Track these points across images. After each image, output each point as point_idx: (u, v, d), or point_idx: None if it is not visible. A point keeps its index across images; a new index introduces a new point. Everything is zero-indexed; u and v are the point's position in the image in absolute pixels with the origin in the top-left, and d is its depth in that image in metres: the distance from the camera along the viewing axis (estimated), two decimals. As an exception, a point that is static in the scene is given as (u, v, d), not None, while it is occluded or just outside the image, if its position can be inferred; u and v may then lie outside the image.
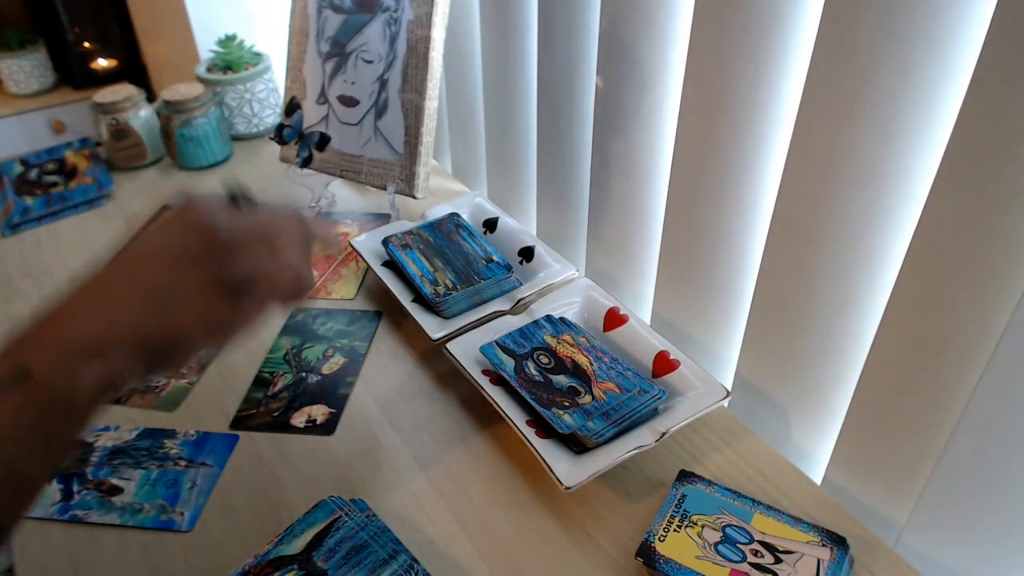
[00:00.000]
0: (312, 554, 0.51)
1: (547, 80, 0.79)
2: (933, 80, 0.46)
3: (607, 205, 0.78)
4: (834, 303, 0.58)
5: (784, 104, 0.57)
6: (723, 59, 0.58)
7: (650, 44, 0.65)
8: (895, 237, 0.52)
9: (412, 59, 0.85)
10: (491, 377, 0.66)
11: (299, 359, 0.74)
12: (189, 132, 1.05)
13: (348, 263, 0.88)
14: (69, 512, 0.60)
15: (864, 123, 0.50)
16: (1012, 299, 0.45)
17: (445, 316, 0.73)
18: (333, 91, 0.92)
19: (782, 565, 0.52)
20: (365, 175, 0.91)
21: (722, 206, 0.64)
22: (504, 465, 0.63)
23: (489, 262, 0.78)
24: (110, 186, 1.04)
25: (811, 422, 0.64)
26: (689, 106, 0.63)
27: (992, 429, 0.48)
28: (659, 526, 0.54)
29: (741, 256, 0.66)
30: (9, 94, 1.88)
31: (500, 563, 0.55)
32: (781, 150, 0.58)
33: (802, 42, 0.54)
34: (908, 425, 0.54)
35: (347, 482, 0.62)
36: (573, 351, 0.67)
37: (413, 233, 0.82)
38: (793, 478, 0.60)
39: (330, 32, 0.92)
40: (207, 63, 1.14)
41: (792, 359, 0.63)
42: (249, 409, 0.69)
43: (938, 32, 0.45)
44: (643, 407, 0.61)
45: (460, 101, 0.99)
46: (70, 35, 1.82)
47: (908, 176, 0.50)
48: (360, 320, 0.79)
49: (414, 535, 0.57)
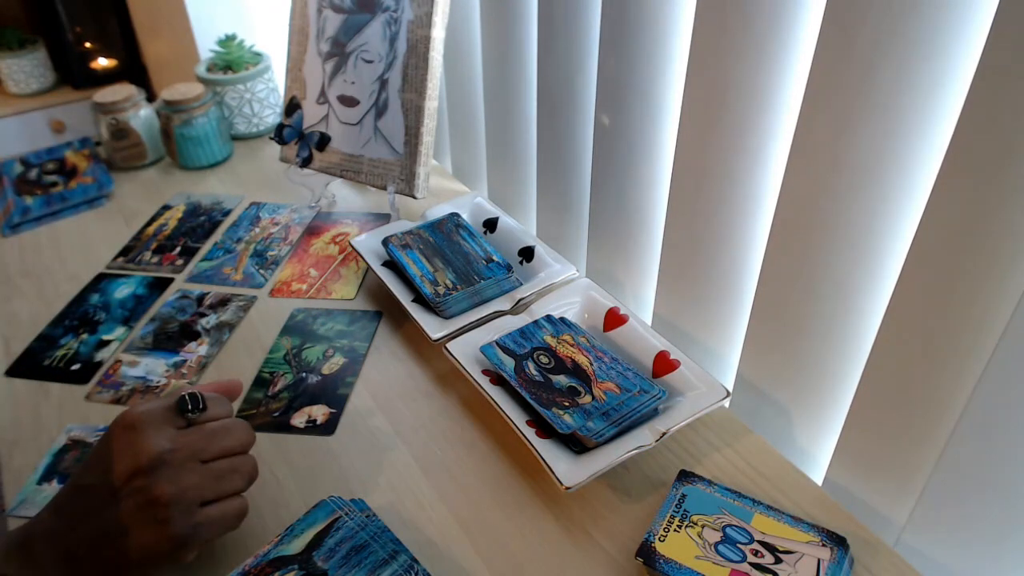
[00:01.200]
0: (312, 554, 0.51)
1: (547, 80, 0.79)
2: (934, 80, 0.46)
3: (608, 205, 0.78)
4: (836, 303, 0.58)
5: (786, 103, 0.57)
6: (724, 59, 0.58)
7: (651, 44, 0.65)
8: (896, 237, 0.52)
9: (412, 59, 0.85)
10: (491, 377, 0.66)
11: (299, 359, 0.74)
12: (189, 132, 1.05)
13: (348, 263, 0.88)
14: (69, 512, 0.60)
15: (865, 123, 0.50)
16: (1012, 299, 0.45)
17: (445, 316, 0.73)
18: (333, 91, 0.92)
19: (782, 565, 0.52)
20: (365, 175, 0.91)
21: (724, 205, 0.64)
22: (504, 465, 0.63)
23: (489, 262, 0.78)
24: (110, 186, 1.04)
25: (813, 421, 0.64)
26: (691, 105, 0.63)
27: (993, 428, 0.48)
28: (659, 526, 0.54)
29: (743, 256, 0.66)
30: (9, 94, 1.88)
31: (500, 563, 0.55)
32: (783, 149, 0.58)
33: (804, 42, 0.54)
34: (909, 423, 0.54)
35: (347, 482, 0.62)
36: (573, 351, 0.68)
37: (413, 233, 0.82)
38: (793, 478, 0.60)
39: (330, 32, 0.92)
40: (207, 63, 1.14)
41: (794, 359, 0.63)
42: (249, 409, 0.69)
43: (939, 32, 0.45)
44: (643, 407, 0.61)
45: (460, 101, 0.99)
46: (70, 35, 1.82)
47: (909, 176, 0.50)
48: (360, 320, 0.79)
49: (414, 535, 0.57)
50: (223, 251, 0.91)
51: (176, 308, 0.82)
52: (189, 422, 0.52)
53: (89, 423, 0.69)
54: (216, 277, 0.87)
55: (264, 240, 0.93)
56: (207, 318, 0.80)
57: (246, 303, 0.82)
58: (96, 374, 0.74)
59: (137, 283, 0.87)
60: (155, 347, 0.77)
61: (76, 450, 0.66)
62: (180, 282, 0.86)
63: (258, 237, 0.93)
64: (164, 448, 0.49)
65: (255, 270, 0.88)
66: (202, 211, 0.99)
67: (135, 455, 0.48)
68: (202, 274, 0.88)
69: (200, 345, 0.77)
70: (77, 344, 0.78)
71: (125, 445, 0.48)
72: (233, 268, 0.88)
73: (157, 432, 0.49)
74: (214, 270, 0.88)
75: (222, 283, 0.86)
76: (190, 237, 0.94)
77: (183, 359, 0.75)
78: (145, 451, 0.48)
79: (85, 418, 0.69)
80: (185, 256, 0.91)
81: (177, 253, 0.91)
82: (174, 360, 0.75)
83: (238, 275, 0.87)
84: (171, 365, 0.75)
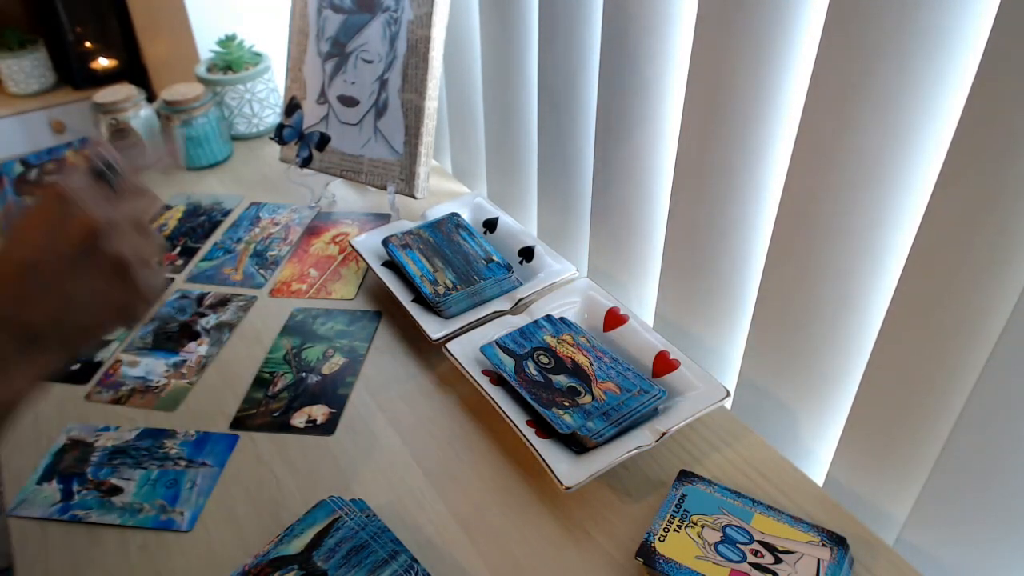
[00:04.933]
0: (312, 554, 0.51)
1: (548, 79, 0.79)
2: (937, 77, 0.46)
3: (609, 204, 0.78)
4: (838, 301, 0.58)
5: (788, 102, 0.57)
6: (726, 57, 0.58)
7: (653, 42, 0.65)
8: (898, 235, 0.52)
9: (412, 59, 0.85)
10: (491, 377, 0.66)
11: (299, 359, 0.74)
12: (189, 132, 1.05)
13: (348, 263, 0.88)
14: (69, 512, 0.60)
15: (868, 121, 0.50)
16: (1013, 296, 0.45)
17: (445, 316, 0.73)
18: (333, 91, 0.92)
19: (782, 565, 0.52)
20: (365, 175, 0.91)
21: (726, 205, 0.64)
22: (504, 465, 0.63)
23: (489, 262, 0.78)
24: (110, 186, 1.04)
25: (815, 419, 0.64)
26: (693, 104, 0.63)
27: (993, 426, 0.48)
28: (659, 526, 0.54)
29: (745, 255, 0.66)
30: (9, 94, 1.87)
31: (500, 563, 0.55)
32: (785, 148, 0.58)
33: (806, 39, 0.54)
34: (911, 420, 0.54)
35: (347, 482, 0.62)
36: (573, 351, 0.67)
37: (413, 233, 0.82)
38: (793, 478, 0.60)
39: (330, 32, 0.92)
40: (207, 63, 1.14)
41: (796, 357, 0.63)
42: (249, 409, 0.69)
43: (942, 29, 0.45)
44: (643, 407, 0.61)
45: (460, 101, 0.99)
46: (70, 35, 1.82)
47: (911, 174, 0.50)
48: (360, 320, 0.79)
49: (414, 535, 0.57)
50: (223, 251, 0.91)
51: (176, 308, 0.82)
52: (112, 188, 0.50)
53: (89, 423, 0.68)
54: (216, 277, 0.87)
55: (264, 240, 0.93)
56: (207, 318, 0.80)
57: (246, 303, 0.82)
58: (96, 374, 0.74)
59: (137, 283, 0.86)
60: (155, 347, 0.77)
61: (76, 450, 0.66)
62: (180, 282, 0.86)
63: (258, 237, 0.93)
64: (111, 214, 0.47)
65: (255, 270, 0.88)
66: (202, 211, 0.99)
67: (84, 223, 0.46)
68: (202, 274, 0.87)
69: (200, 345, 0.77)
70: (77, 344, 0.78)
71: (68, 214, 0.47)
72: (233, 268, 0.88)
73: (94, 200, 0.48)
74: (214, 270, 0.88)
75: (222, 283, 0.86)
76: (190, 237, 0.94)
77: (183, 359, 0.75)
78: (93, 218, 0.46)
79: (85, 418, 0.69)
80: (185, 256, 0.91)
81: (177, 253, 0.91)
82: (174, 360, 0.75)
83: (238, 275, 0.87)
84: (171, 365, 0.75)
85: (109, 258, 0.47)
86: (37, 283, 0.46)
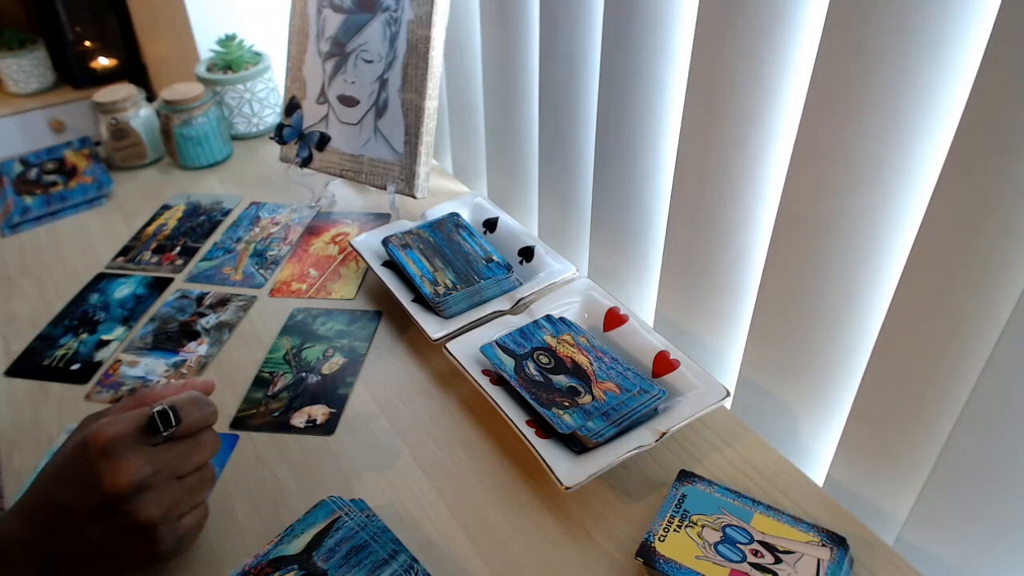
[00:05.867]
0: (312, 554, 0.51)
1: (549, 78, 0.79)
2: (937, 77, 0.46)
3: (610, 204, 0.78)
4: (838, 301, 0.58)
5: (788, 101, 0.57)
6: (727, 56, 0.58)
7: (653, 42, 0.65)
8: (899, 235, 0.52)
9: (412, 59, 0.85)
10: (491, 377, 0.66)
11: (299, 359, 0.74)
12: (189, 132, 1.05)
13: (348, 263, 0.88)
14: (69, 512, 0.60)
15: (868, 121, 0.50)
16: (1013, 296, 0.45)
17: (445, 316, 0.73)
18: (333, 91, 0.92)
19: (782, 565, 0.52)
20: (365, 175, 0.91)
21: (726, 204, 0.64)
22: (504, 465, 0.63)
23: (489, 262, 0.78)
24: (110, 185, 1.04)
25: (815, 418, 0.65)
26: (693, 103, 0.63)
27: (993, 424, 0.48)
28: (659, 526, 0.54)
29: (745, 254, 0.66)
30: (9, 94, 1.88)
31: (500, 563, 0.55)
32: (785, 147, 0.58)
33: (807, 39, 0.54)
34: (910, 421, 0.54)
35: (347, 482, 0.62)
36: (573, 351, 0.67)
37: (413, 233, 0.82)
38: (793, 478, 0.60)
39: (330, 32, 0.92)
40: (207, 63, 1.14)
41: (796, 356, 0.63)
42: (249, 409, 0.69)
43: (943, 29, 0.45)
44: (643, 407, 0.61)
45: (460, 101, 0.99)
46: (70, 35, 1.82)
47: (912, 174, 0.50)
48: (360, 320, 0.79)
49: (414, 535, 0.57)
50: (223, 251, 0.91)
51: (176, 308, 0.82)
52: (165, 438, 0.50)
53: (89, 423, 0.69)
54: (216, 277, 0.87)
55: (264, 240, 0.93)
56: (207, 318, 0.80)
57: (246, 303, 0.82)
58: (96, 374, 0.74)
59: (137, 283, 0.87)
60: (155, 347, 0.77)
61: (76, 450, 0.66)
62: (180, 282, 0.86)
63: (258, 237, 0.93)
64: (145, 473, 0.48)
65: (255, 270, 0.88)
66: (202, 211, 0.99)
67: (114, 483, 0.47)
68: (202, 274, 0.87)
69: (200, 345, 0.77)
70: (77, 344, 0.78)
71: (102, 471, 0.47)
72: (233, 268, 0.88)
73: (135, 455, 0.48)
74: (214, 270, 0.88)
75: (222, 283, 0.86)
76: (190, 237, 0.94)
77: (183, 359, 0.75)
78: (126, 478, 0.47)
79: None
80: (185, 256, 0.91)
81: (177, 253, 0.91)
82: (174, 360, 0.75)
83: (238, 275, 0.87)
84: (171, 365, 0.75)
85: (132, 520, 0.48)
86: (62, 523, 0.48)
